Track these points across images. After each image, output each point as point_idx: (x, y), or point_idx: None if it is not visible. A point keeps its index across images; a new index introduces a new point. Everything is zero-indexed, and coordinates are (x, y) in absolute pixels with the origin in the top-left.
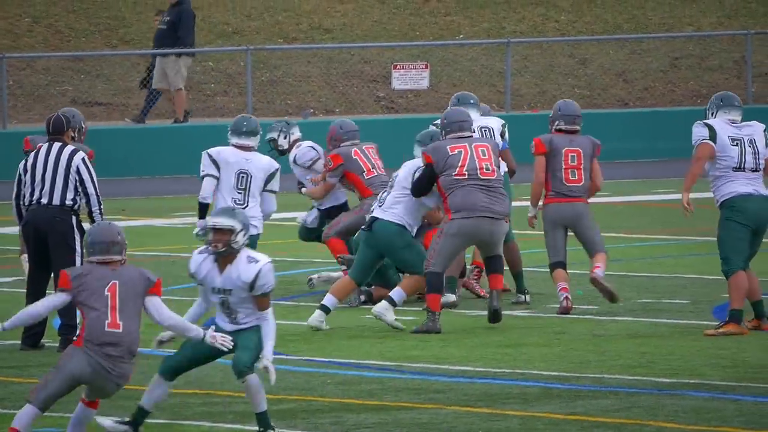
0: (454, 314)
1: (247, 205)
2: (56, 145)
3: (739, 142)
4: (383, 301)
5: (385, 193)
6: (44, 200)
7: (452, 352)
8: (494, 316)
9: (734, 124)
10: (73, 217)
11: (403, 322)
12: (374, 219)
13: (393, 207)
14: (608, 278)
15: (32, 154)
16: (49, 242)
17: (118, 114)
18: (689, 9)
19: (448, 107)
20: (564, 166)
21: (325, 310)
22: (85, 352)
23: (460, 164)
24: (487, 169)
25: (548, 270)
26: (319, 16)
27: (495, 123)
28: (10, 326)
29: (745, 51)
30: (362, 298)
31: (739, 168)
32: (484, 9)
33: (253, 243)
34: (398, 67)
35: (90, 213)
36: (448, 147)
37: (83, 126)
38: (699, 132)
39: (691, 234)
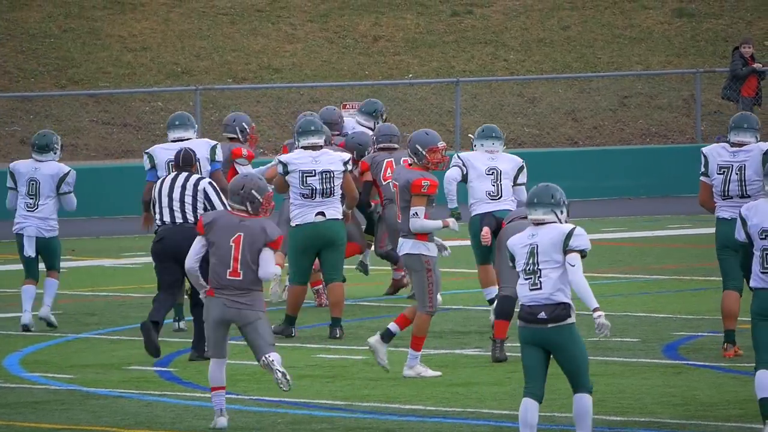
0: (405, 352)
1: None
2: (183, 175)
3: (726, 170)
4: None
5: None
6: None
7: (403, 391)
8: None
9: (731, 149)
10: None
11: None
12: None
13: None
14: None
15: (159, 182)
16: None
17: (67, 154)
18: (638, 48)
19: (474, 140)
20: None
21: None
22: (217, 298)
23: None
24: None
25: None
26: (269, 55)
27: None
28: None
29: (693, 89)
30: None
31: (725, 195)
32: (434, 48)
33: None
34: (347, 106)
35: None
36: None
37: (246, 128)
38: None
39: (640, 272)
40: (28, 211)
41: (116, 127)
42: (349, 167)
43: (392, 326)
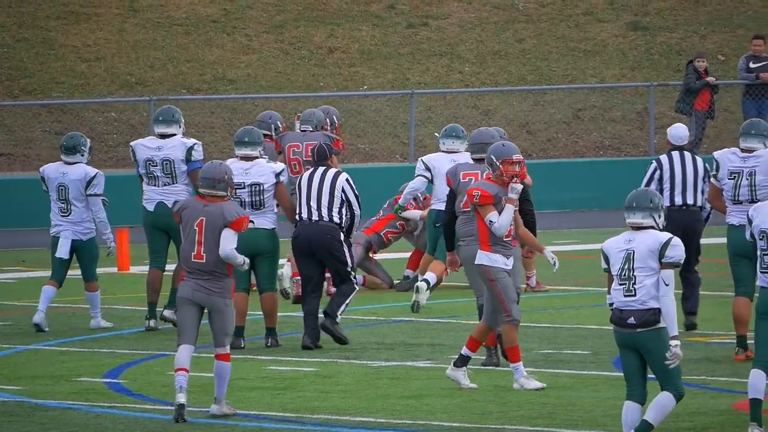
0: (357, 364)
1: None
2: (320, 170)
3: (737, 175)
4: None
5: None
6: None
7: (353, 403)
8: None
9: (742, 155)
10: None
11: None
12: None
13: None
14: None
15: (304, 176)
16: (318, 255)
17: (19, 164)
18: (592, 61)
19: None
20: None
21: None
22: (187, 281)
23: None
24: None
25: (451, 319)
26: (223, 66)
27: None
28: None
29: (647, 103)
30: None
31: (735, 200)
32: (389, 60)
33: None
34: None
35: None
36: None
37: (280, 126)
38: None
39: (592, 285)
40: (62, 216)
41: None
42: (282, 179)
43: (464, 351)
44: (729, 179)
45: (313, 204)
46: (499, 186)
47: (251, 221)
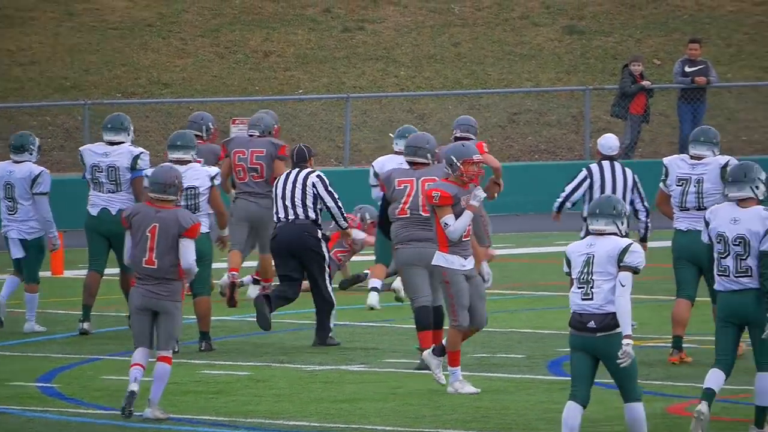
0: (290, 368)
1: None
2: (295, 171)
3: (685, 182)
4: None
5: None
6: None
7: (286, 407)
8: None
9: (690, 162)
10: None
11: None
12: None
13: None
14: None
15: (282, 178)
16: (296, 254)
17: None
18: (528, 65)
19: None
20: None
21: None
22: (138, 287)
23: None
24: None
25: (385, 323)
26: (158, 70)
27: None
28: None
29: (583, 107)
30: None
31: (682, 207)
32: (324, 64)
33: None
34: (237, 121)
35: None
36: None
37: (212, 127)
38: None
39: (527, 288)
40: (9, 214)
41: (3, 142)
42: (217, 182)
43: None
44: (677, 185)
45: (288, 203)
46: (458, 187)
47: None
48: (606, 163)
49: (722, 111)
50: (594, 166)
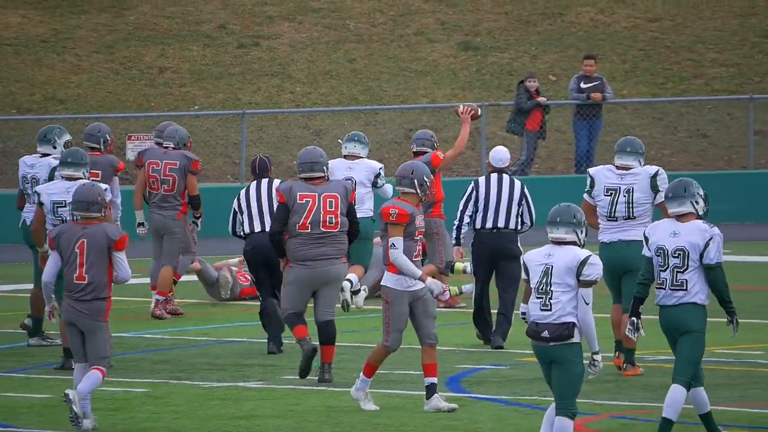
0: (188, 385)
1: None
2: (263, 182)
3: (614, 192)
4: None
5: None
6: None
7: (185, 424)
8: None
9: (618, 172)
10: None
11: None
12: None
13: None
14: None
15: (244, 192)
16: (272, 264)
17: None
18: (424, 81)
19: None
20: None
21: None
22: (66, 302)
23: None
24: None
25: (283, 340)
26: (53, 86)
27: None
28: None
29: (478, 122)
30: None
31: (611, 217)
32: (219, 80)
33: None
34: (133, 137)
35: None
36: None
37: (108, 138)
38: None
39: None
40: None
41: None
42: (108, 198)
43: (426, 381)
44: (605, 196)
45: (265, 217)
46: (412, 205)
47: None
48: (494, 176)
49: (618, 127)
50: (482, 179)
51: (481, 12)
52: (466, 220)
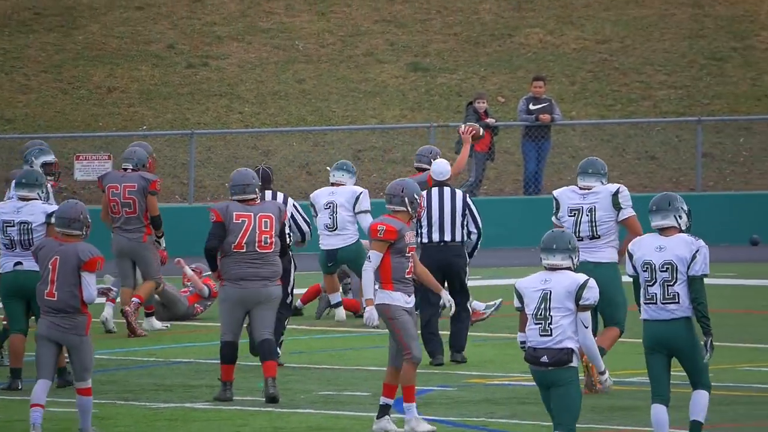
0: (135, 406)
1: None
2: (268, 193)
3: (577, 212)
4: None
5: None
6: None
7: None
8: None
9: (581, 192)
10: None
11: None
12: None
13: None
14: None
15: None
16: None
17: None
18: (372, 102)
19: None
20: None
21: None
22: (43, 319)
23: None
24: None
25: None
26: (1, 106)
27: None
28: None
29: (427, 143)
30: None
31: (576, 237)
32: (168, 100)
33: None
34: (81, 157)
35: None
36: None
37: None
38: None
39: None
40: None
41: None
42: (53, 220)
43: (382, 400)
44: (569, 216)
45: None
46: (401, 221)
47: (20, 262)
48: (435, 189)
49: (566, 149)
50: (424, 193)
51: (430, 33)
52: None
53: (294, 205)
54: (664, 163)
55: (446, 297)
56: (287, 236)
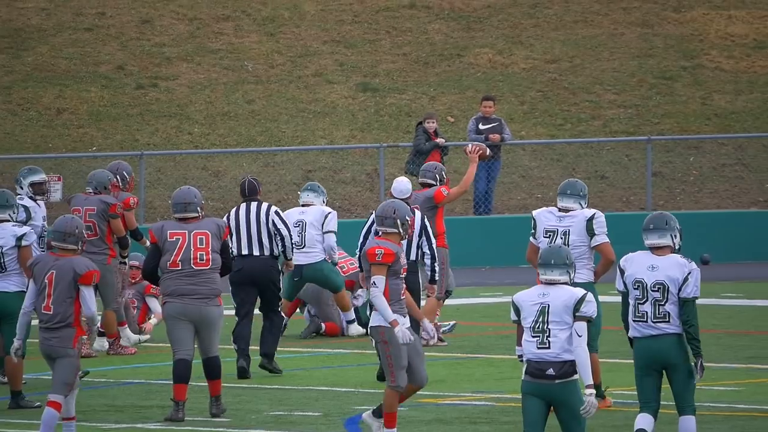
0: (86, 426)
1: None
2: (252, 205)
3: (552, 233)
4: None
5: None
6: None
7: None
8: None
9: (558, 214)
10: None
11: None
12: None
13: None
14: None
15: (233, 213)
16: (260, 286)
17: None
18: (322, 122)
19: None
20: None
21: None
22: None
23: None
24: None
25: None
26: None
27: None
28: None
29: (377, 164)
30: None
31: None
32: (117, 121)
33: None
34: None
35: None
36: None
37: (126, 177)
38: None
39: (323, 347)
40: None
41: None
42: (25, 243)
43: None
44: (544, 237)
45: (254, 240)
46: (396, 244)
47: None
48: None
49: (516, 168)
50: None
51: (379, 53)
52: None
53: (277, 212)
54: (615, 183)
55: (428, 327)
56: (230, 253)
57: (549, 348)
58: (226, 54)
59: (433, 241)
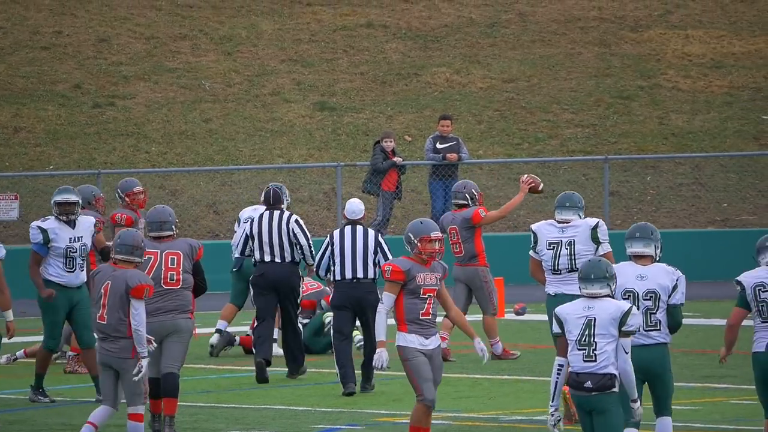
0: None
1: None
2: (275, 214)
3: (556, 245)
4: None
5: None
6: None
7: None
8: None
9: (559, 225)
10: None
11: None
12: None
13: None
14: None
15: (256, 220)
16: (280, 292)
17: None
18: (280, 141)
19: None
20: None
21: None
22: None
23: None
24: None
25: None
26: None
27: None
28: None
29: (335, 183)
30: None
31: (555, 270)
32: (74, 140)
33: None
34: None
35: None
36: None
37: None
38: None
39: (281, 366)
40: None
41: None
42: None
43: None
44: (548, 250)
45: (276, 247)
46: (414, 262)
47: None
48: (348, 228)
49: None
50: (336, 231)
51: (336, 72)
52: (322, 273)
53: (297, 221)
54: None
55: (479, 347)
56: (202, 274)
57: (595, 361)
58: (183, 73)
59: (390, 256)
